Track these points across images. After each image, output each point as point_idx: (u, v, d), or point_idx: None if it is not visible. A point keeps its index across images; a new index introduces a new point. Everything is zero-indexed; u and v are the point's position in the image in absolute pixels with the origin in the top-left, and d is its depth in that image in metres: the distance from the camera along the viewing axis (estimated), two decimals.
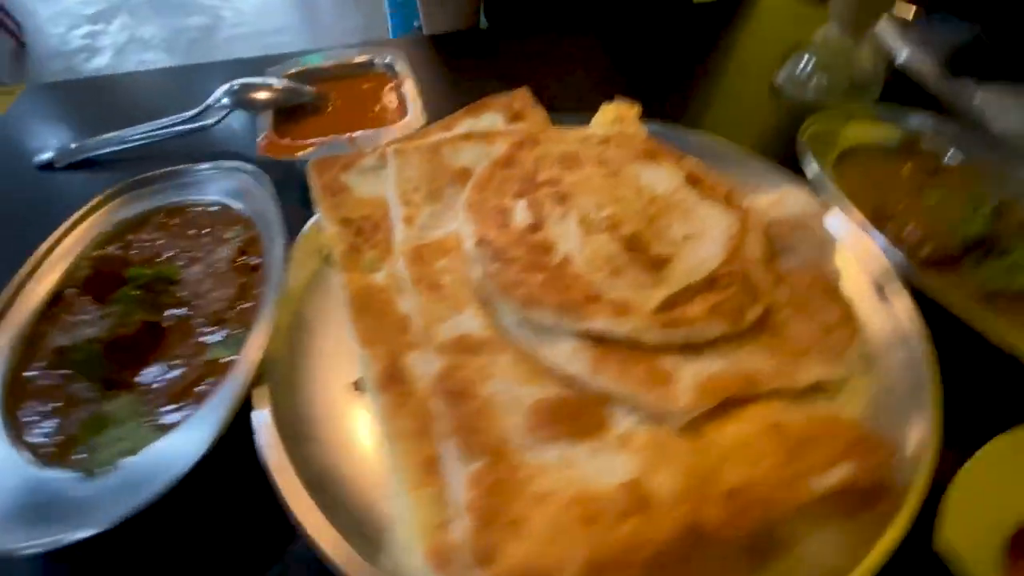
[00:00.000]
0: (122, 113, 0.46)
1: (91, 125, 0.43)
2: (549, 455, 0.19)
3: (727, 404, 0.20)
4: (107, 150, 0.39)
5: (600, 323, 0.21)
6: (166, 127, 0.40)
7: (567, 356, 0.22)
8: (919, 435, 0.20)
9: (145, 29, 3.44)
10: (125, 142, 0.39)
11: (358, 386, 0.23)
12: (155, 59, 3.23)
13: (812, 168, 0.30)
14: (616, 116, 0.35)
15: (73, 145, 0.39)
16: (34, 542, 0.18)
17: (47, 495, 0.19)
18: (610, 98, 0.36)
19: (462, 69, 0.50)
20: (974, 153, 0.33)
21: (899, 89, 0.45)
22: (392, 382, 0.22)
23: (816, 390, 0.22)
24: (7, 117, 0.45)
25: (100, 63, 3.11)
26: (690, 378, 0.21)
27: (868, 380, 0.23)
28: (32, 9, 3.74)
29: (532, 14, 0.64)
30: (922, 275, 0.24)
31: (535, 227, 0.26)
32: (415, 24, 0.65)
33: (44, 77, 2.91)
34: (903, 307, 0.24)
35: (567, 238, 0.25)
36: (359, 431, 0.22)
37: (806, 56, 0.44)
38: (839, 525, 0.19)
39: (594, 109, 0.35)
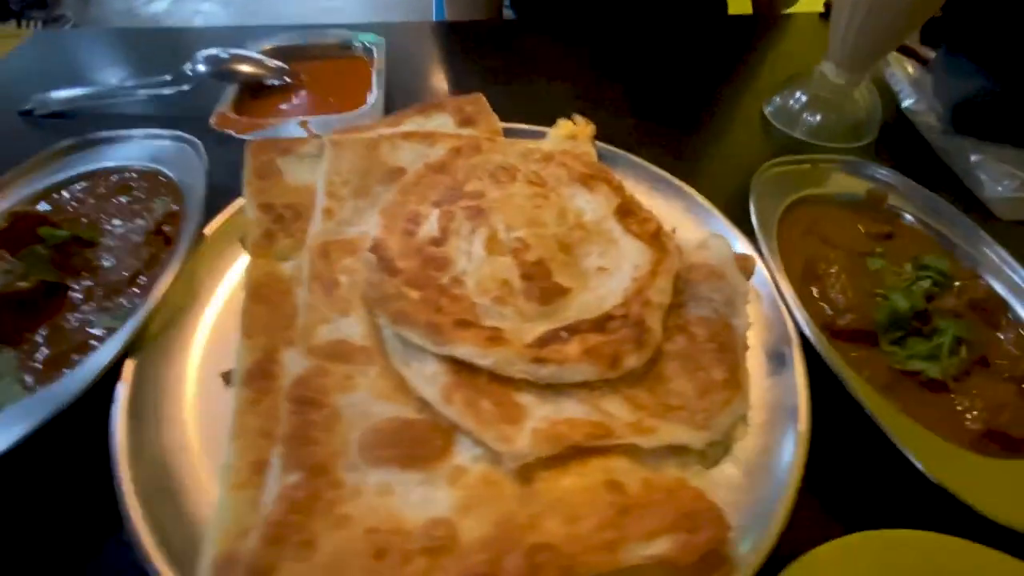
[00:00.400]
0: (116, 68, 0.48)
1: (81, 77, 0.45)
2: (372, 478, 0.19)
3: (571, 453, 0.20)
4: (87, 103, 0.40)
5: (463, 350, 0.21)
6: (144, 87, 0.40)
7: (426, 378, 0.21)
8: (768, 518, 0.19)
9: None
10: (102, 98, 0.40)
11: (226, 379, 0.23)
12: (210, 10, 3.30)
13: (755, 217, 0.28)
14: (570, 133, 0.34)
15: (52, 95, 0.40)
16: None
17: None
18: (583, 112, 0.36)
19: (449, 61, 0.49)
20: (938, 223, 0.31)
21: (898, 137, 0.43)
22: (256, 378, 0.22)
23: (677, 452, 0.21)
24: (6, 62, 0.47)
25: (158, 8, 3.19)
26: (538, 420, 0.20)
27: (740, 448, 0.22)
28: None
29: (561, 9, 0.62)
30: (829, 347, 0.23)
31: (439, 240, 0.25)
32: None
33: (106, 16, 3.02)
34: (798, 379, 0.23)
35: (468, 257, 0.25)
36: (218, 422, 0.22)
37: (798, 92, 0.42)
38: None
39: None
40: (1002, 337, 0.26)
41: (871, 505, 0.21)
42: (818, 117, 0.41)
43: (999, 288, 0.28)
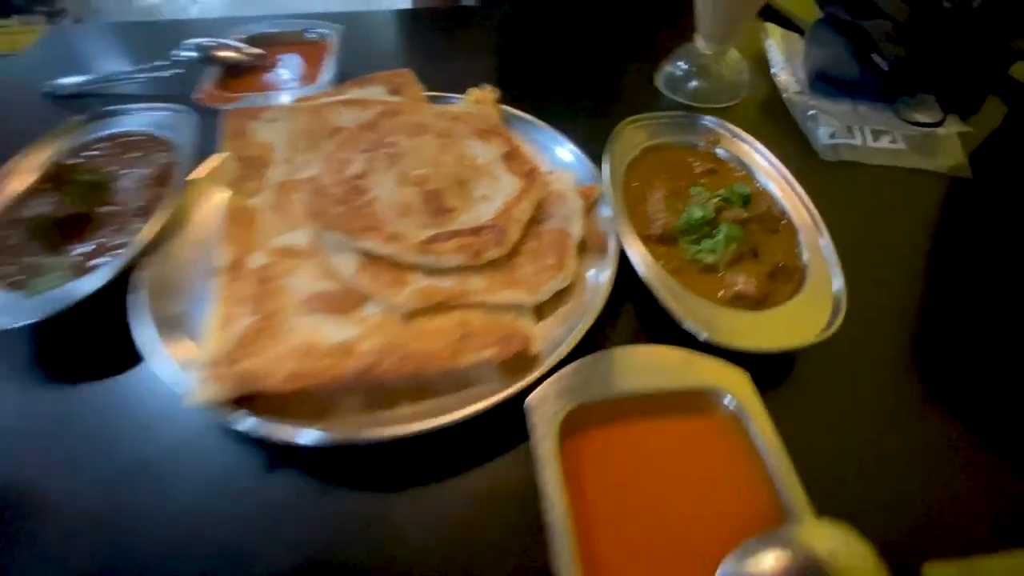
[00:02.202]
0: (121, 56, 0.57)
1: (92, 65, 0.54)
2: (306, 320, 0.29)
3: (440, 308, 0.30)
4: (96, 85, 0.50)
5: (369, 244, 0.31)
6: (143, 71, 0.50)
7: (343, 264, 0.31)
8: (558, 340, 0.29)
9: None
10: (108, 81, 0.50)
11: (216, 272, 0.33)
12: (206, 1, 3.34)
13: (607, 158, 0.38)
14: (477, 99, 0.44)
15: (69, 80, 0.50)
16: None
17: (4, 305, 0.30)
18: (492, 81, 0.45)
19: (397, 44, 0.59)
20: (749, 161, 0.40)
21: (765, 98, 0.52)
22: (232, 269, 0.32)
23: (515, 310, 0.31)
24: (27, 53, 0.56)
25: (155, 0, 3.24)
26: (417, 289, 0.30)
27: (563, 307, 0.32)
28: None
29: None
30: (633, 240, 0.33)
31: (361, 176, 0.35)
32: None
33: (103, 9, 3.07)
34: (610, 263, 0.33)
35: (382, 187, 0.35)
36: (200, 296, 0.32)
37: (681, 61, 0.51)
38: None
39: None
40: (775, 237, 0.35)
41: (650, 335, 0.31)
42: (694, 83, 0.50)
43: (784, 205, 0.37)
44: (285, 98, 0.44)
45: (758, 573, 0.22)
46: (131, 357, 0.29)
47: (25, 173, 0.37)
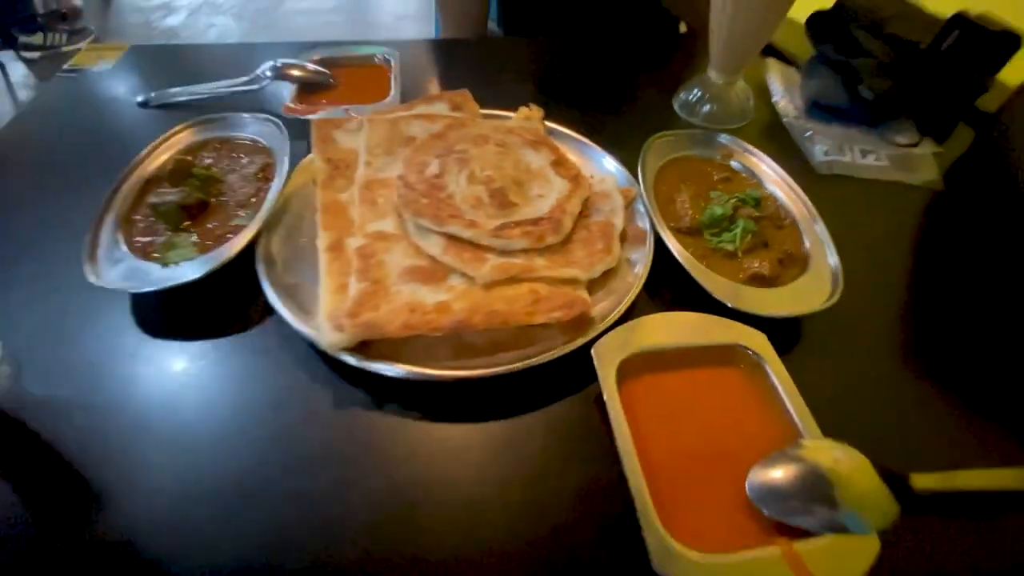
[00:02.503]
0: (199, 72, 0.64)
1: (177, 78, 0.61)
2: (406, 288, 0.35)
3: (512, 280, 0.36)
4: (185, 97, 0.57)
5: (453, 229, 0.37)
6: (228, 86, 0.57)
7: (431, 245, 0.38)
8: (609, 308, 0.36)
9: None
10: (198, 93, 0.56)
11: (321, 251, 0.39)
12: (223, 23, 3.48)
13: (640, 167, 0.45)
14: (526, 116, 0.51)
15: (159, 92, 0.56)
16: (135, 288, 0.35)
17: (142, 273, 0.36)
18: (535, 101, 0.52)
19: (445, 68, 0.66)
20: (759, 172, 0.48)
21: (768, 122, 0.60)
22: (333, 249, 0.38)
23: (573, 283, 0.37)
24: (116, 67, 0.63)
25: (174, 22, 3.37)
26: (495, 264, 0.36)
27: (611, 283, 0.38)
28: None
29: (543, 27, 0.80)
30: (667, 232, 0.40)
31: (439, 176, 0.42)
32: None
33: (122, 28, 3.20)
34: (648, 249, 0.39)
35: (456, 185, 0.41)
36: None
37: (695, 89, 0.59)
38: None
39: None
40: (782, 231, 0.42)
41: (682, 306, 0.37)
42: (707, 107, 0.58)
43: (789, 206, 0.44)
44: (360, 113, 0.51)
45: (777, 478, 0.28)
46: (247, 318, 0.35)
47: (149, 166, 0.44)
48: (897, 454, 0.29)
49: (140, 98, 0.57)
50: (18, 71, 2.88)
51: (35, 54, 2.86)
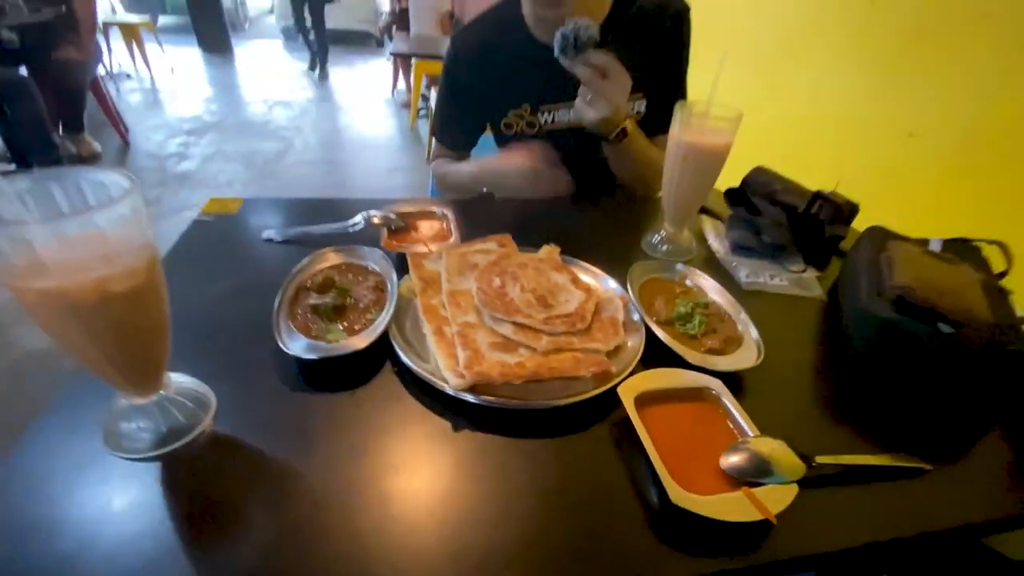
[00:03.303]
0: (299, 217, 0.87)
1: (286, 221, 0.84)
2: (493, 354, 0.55)
3: (560, 350, 0.56)
4: (301, 235, 0.79)
5: (518, 319, 0.58)
6: (333, 228, 0.80)
7: (504, 329, 0.58)
8: (620, 368, 0.56)
9: (229, 145, 4.20)
10: (311, 233, 0.79)
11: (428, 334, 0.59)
12: (233, 170, 3.90)
13: (628, 284, 0.69)
14: (548, 251, 0.75)
15: (280, 231, 0.79)
16: (308, 357, 0.53)
17: (315, 347, 0.54)
18: (551, 242, 0.77)
19: (487, 218, 0.93)
20: (706, 287, 0.72)
21: (706, 257, 0.87)
22: (436, 333, 0.58)
23: (597, 352, 0.57)
24: (240, 213, 0.86)
25: (188, 167, 3.76)
26: (548, 340, 0.57)
27: (620, 353, 0.59)
28: (141, 118, 4.56)
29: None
30: (657, 327, 0.62)
31: (501, 287, 0.64)
32: None
33: (138, 172, 3.54)
34: (640, 335, 0.61)
35: (514, 292, 0.63)
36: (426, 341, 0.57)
37: (657, 234, 0.86)
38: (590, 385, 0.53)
39: (541, 245, 0.76)
40: (723, 323, 0.65)
41: (668, 363, 0.58)
42: (665, 247, 0.85)
43: (726, 308, 0.68)
44: (437, 248, 0.75)
45: (736, 460, 0.47)
46: (381, 376, 0.53)
47: (298, 281, 0.64)
48: (804, 445, 0.48)
49: (265, 235, 0.79)
50: None
51: None
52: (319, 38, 5.96)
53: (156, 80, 5.49)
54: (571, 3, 0.87)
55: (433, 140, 1.14)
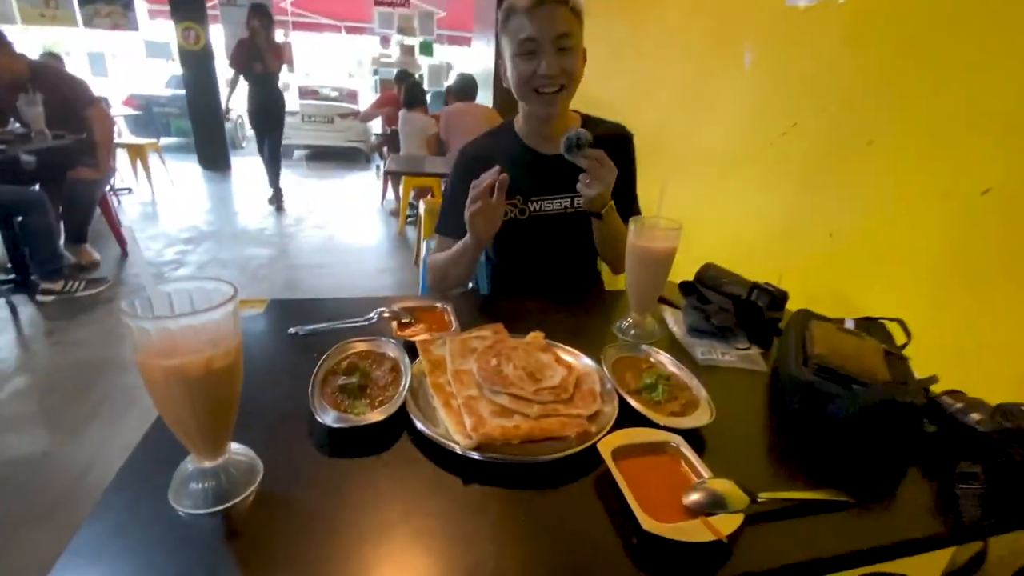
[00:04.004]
0: (318, 315, 1.01)
1: (307, 319, 0.97)
2: (494, 420, 0.66)
3: (549, 415, 0.68)
4: (322, 329, 0.92)
5: (513, 390, 0.71)
6: (351, 323, 0.93)
7: (501, 399, 0.70)
8: (598, 428, 0.68)
9: (225, 253, 4.39)
10: (332, 327, 0.92)
11: (438, 406, 0.70)
12: (227, 275, 4.08)
13: (603, 362, 0.82)
14: (535, 336, 0.89)
15: (301, 328, 0.92)
16: (339, 426, 0.64)
17: (344, 419, 0.65)
18: (537, 329, 0.91)
19: (473, 312, 1.07)
20: (670, 362, 0.86)
21: (667, 339, 1.02)
22: (445, 405, 0.70)
23: (579, 417, 0.69)
24: (267, 312, 0.99)
25: (184, 274, 3.92)
26: (539, 408, 0.69)
27: (598, 417, 0.71)
28: (140, 228, 4.77)
29: (526, 285, 1.27)
30: (627, 395, 0.74)
31: (498, 366, 0.77)
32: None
33: (137, 278, 3.66)
34: (615, 402, 0.74)
35: (507, 370, 0.76)
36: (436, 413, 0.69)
37: (625, 321, 1.02)
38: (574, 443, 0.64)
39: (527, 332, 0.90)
40: (683, 391, 0.78)
41: (637, 424, 0.69)
42: (633, 331, 1.00)
43: (685, 379, 0.81)
44: (440, 336, 0.88)
45: (695, 497, 0.58)
46: (400, 443, 0.64)
47: (326, 367, 0.76)
48: (751, 485, 0.60)
49: (291, 330, 0.91)
50: (26, 312, 3.15)
51: (50, 298, 3.19)
52: (272, 166, 5.50)
53: (156, 193, 5.82)
54: (555, 125, 1.19)
55: (435, 239, 1.31)
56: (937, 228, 1.13)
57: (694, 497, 0.57)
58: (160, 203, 5.54)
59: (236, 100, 5.46)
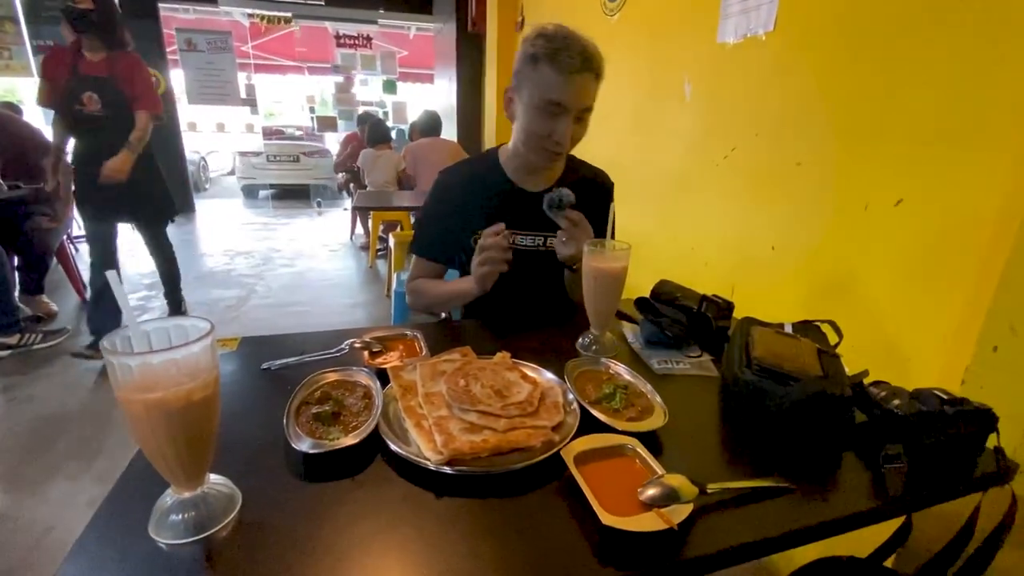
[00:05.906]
0: (290, 349, 1.03)
1: (278, 353, 1.00)
2: (463, 436, 0.70)
3: (516, 427, 0.73)
4: (295, 362, 0.95)
5: (481, 407, 0.75)
6: (322, 355, 0.96)
7: (470, 416, 0.74)
8: (562, 436, 0.72)
9: (191, 296, 4.29)
10: (304, 360, 0.95)
11: (410, 428, 0.74)
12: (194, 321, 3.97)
13: (566, 376, 0.88)
14: (502, 356, 0.94)
15: (273, 362, 0.94)
16: (314, 452, 0.67)
17: (319, 445, 0.68)
18: (503, 350, 0.96)
19: (443, 337, 1.12)
20: (627, 373, 0.92)
21: (626, 352, 1.08)
22: (417, 426, 0.73)
23: (544, 428, 0.74)
24: (239, 351, 1.01)
25: (147, 319, 3.82)
26: (506, 422, 0.73)
27: (562, 427, 0.76)
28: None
29: (496, 316, 1.32)
30: (588, 405, 0.80)
31: (466, 386, 0.81)
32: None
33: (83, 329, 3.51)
34: (576, 413, 0.79)
35: (476, 388, 0.80)
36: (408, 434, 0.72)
37: (586, 337, 1.08)
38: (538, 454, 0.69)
39: (495, 351, 0.95)
40: (639, 398, 0.84)
41: (598, 431, 0.74)
42: (594, 346, 1.06)
43: (642, 388, 0.87)
44: (411, 362, 0.92)
45: (650, 492, 0.63)
46: (375, 465, 0.67)
47: (300, 397, 0.79)
48: (700, 477, 0.65)
49: (264, 366, 0.94)
50: None
51: (6, 352, 3.07)
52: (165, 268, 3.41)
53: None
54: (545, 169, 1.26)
55: (412, 259, 1.35)
56: (860, 236, 1.25)
57: (649, 492, 0.62)
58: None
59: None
